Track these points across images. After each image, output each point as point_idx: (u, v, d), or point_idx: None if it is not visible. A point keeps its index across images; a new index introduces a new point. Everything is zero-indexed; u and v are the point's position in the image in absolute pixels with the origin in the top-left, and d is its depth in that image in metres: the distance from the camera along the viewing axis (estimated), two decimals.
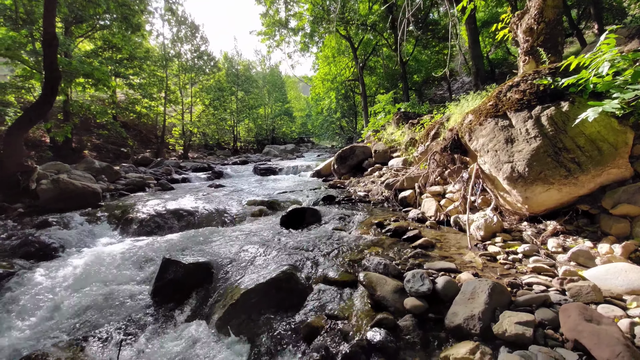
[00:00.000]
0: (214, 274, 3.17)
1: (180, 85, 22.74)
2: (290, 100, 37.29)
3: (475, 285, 2.14)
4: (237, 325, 2.39)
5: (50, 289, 3.15)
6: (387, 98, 15.53)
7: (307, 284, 2.84)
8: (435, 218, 4.39)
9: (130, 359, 2.15)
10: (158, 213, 5.41)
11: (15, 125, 6.75)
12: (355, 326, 2.15)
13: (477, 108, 4.12)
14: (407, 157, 6.93)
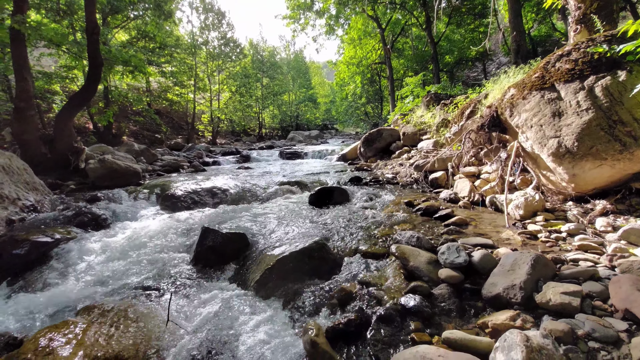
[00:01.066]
0: (249, 243, 3.33)
1: (208, 72, 23.29)
2: (315, 86, 36.94)
3: (515, 257, 2.07)
4: (273, 288, 2.51)
5: (103, 253, 3.48)
6: (415, 81, 14.91)
7: (338, 255, 2.90)
8: (469, 198, 4.25)
9: (177, 313, 2.35)
10: (194, 190, 5.70)
11: (65, 109, 7.32)
12: (389, 292, 2.18)
13: (521, 81, 3.86)
14: (438, 139, 6.69)
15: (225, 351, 1.89)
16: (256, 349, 1.89)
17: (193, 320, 2.18)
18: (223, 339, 2.00)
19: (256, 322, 2.14)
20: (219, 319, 2.19)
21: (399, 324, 1.88)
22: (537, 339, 1.39)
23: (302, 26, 21.05)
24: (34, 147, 6.56)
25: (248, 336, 2.01)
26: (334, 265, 2.74)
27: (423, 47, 22.54)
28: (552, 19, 18.48)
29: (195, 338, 1.98)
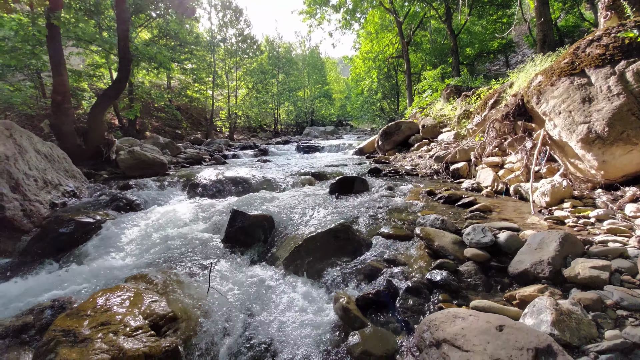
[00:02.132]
0: (275, 226, 3.48)
1: (226, 69, 23.73)
2: (330, 82, 36.85)
3: (543, 236, 2.11)
4: (301, 265, 2.65)
5: (140, 232, 3.73)
6: (434, 74, 14.64)
7: (362, 237, 3.00)
8: (492, 188, 4.23)
9: (215, 284, 2.52)
10: (218, 180, 5.94)
11: (98, 103, 7.74)
12: (415, 269, 2.26)
13: (549, 68, 3.79)
14: (459, 131, 6.62)
15: (262, 316, 2.05)
16: (290, 314, 2.03)
17: (230, 290, 2.35)
18: (259, 306, 2.15)
19: (288, 293, 2.29)
20: (254, 290, 2.35)
21: (426, 296, 1.96)
22: (566, 305, 1.44)
23: (318, 21, 21.03)
24: (70, 138, 6.99)
25: (281, 304, 2.15)
26: (358, 246, 2.84)
27: (442, 40, 22.04)
28: (580, 8, 17.62)
29: (235, 304, 2.14)
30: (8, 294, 2.69)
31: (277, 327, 1.91)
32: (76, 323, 1.69)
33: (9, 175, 3.99)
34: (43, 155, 5.05)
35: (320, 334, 1.82)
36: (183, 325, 1.87)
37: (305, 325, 1.90)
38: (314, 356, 1.66)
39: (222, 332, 1.88)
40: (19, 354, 1.93)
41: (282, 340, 1.81)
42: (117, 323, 1.74)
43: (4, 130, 4.50)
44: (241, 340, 1.84)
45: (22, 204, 3.96)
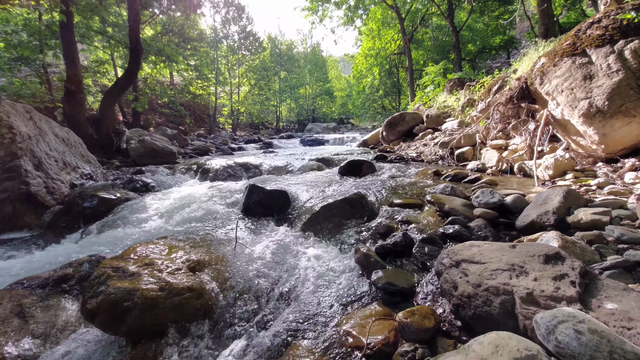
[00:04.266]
0: (290, 200, 3.64)
1: (228, 66, 23.90)
2: (331, 80, 36.98)
3: (547, 193, 2.27)
4: (320, 228, 2.81)
5: (161, 207, 3.89)
6: (437, 70, 14.78)
7: (375, 206, 3.16)
8: (497, 167, 4.39)
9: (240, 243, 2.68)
10: (228, 165, 6.11)
11: (108, 94, 7.91)
12: (428, 226, 2.42)
13: (552, 50, 3.96)
14: (462, 119, 6.78)
15: (287, 265, 2.21)
16: (312, 264, 2.19)
17: (255, 247, 2.51)
18: (283, 258, 2.32)
19: (309, 249, 2.45)
20: (276, 247, 2.51)
21: (440, 245, 2.12)
22: (571, 238, 1.60)
23: (320, 18, 21.19)
24: (83, 127, 7.16)
25: (304, 257, 2.31)
26: (372, 213, 3.00)
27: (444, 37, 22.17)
28: (582, 4, 17.76)
29: (261, 258, 2.30)
30: (40, 259, 2.86)
31: (301, 273, 2.07)
32: (123, 262, 1.85)
33: (32, 154, 4.16)
34: (61, 139, 5.21)
35: (343, 276, 1.98)
36: (215, 270, 2.03)
37: (327, 272, 2.06)
38: (339, 292, 1.82)
39: (252, 276, 2.05)
40: (59, 301, 2.09)
41: (307, 280, 1.97)
42: (159, 265, 1.90)
43: (24, 112, 4.67)
44: (269, 282, 2.00)
45: (45, 182, 4.13)
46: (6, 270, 2.56)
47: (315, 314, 1.64)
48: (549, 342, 0.85)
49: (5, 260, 2.82)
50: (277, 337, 1.50)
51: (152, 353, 1.49)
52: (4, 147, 3.90)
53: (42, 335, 1.81)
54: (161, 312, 1.60)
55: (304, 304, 1.76)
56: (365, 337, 1.32)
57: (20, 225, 3.72)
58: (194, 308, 1.69)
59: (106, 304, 1.55)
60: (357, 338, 1.36)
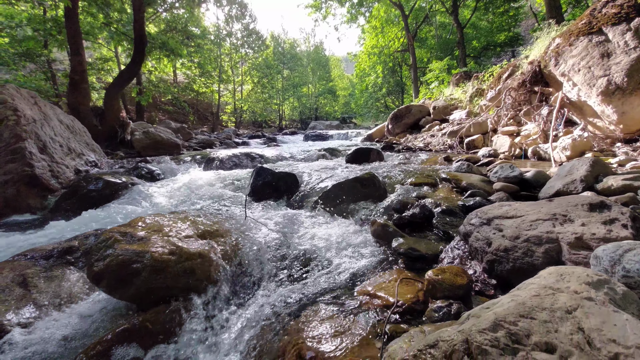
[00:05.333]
0: (298, 182, 3.56)
1: (232, 64, 23.90)
2: (334, 79, 36.94)
3: (572, 164, 2.17)
4: (331, 206, 2.72)
5: (167, 192, 3.82)
6: (441, 66, 14.66)
7: (387, 186, 3.07)
8: (510, 153, 4.29)
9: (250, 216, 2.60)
10: (234, 155, 6.03)
11: (113, 85, 7.87)
12: (446, 201, 2.33)
13: (566, 30, 3.85)
14: (471, 109, 6.67)
15: (299, 237, 2.12)
16: (325, 236, 2.09)
17: (265, 222, 2.42)
18: (294, 232, 2.23)
19: (321, 225, 2.36)
20: (287, 222, 2.42)
21: (461, 215, 2.03)
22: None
23: (323, 15, 21.14)
24: (87, 118, 7.11)
25: (316, 231, 2.22)
26: (384, 193, 2.90)
27: (447, 35, 22.07)
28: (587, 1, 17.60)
29: (273, 230, 2.22)
30: (44, 236, 2.78)
31: (315, 244, 1.98)
32: (130, 229, 1.77)
33: (37, 137, 4.10)
34: (66, 125, 5.16)
35: (360, 246, 1.88)
36: (226, 239, 1.95)
37: (343, 243, 1.97)
38: (357, 260, 1.73)
39: (264, 245, 1.96)
40: (64, 272, 2.01)
41: (322, 250, 1.88)
42: (168, 232, 1.82)
43: (29, 97, 4.62)
44: (282, 251, 1.91)
45: (50, 165, 4.07)
46: (9, 246, 2.49)
47: (334, 279, 1.55)
48: (614, 274, 0.76)
49: (8, 238, 2.75)
50: (295, 300, 1.41)
51: (162, 318, 1.40)
52: (9, 129, 3.84)
53: (45, 304, 1.73)
54: (171, 276, 1.51)
55: (321, 271, 1.67)
56: (394, 296, 1.23)
57: (24, 208, 3.66)
58: (205, 273, 1.60)
59: (114, 266, 1.47)
60: (383, 298, 1.27)
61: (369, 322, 1.16)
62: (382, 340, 1.01)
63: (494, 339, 0.62)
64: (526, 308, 0.66)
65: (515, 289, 0.80)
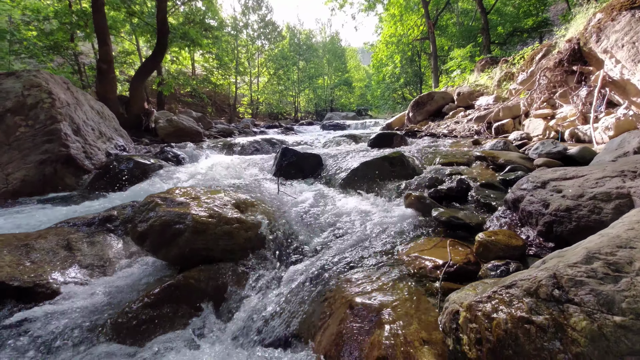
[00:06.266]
0: (323, 163, 3.53)
1: (248, 55, 24.01)
2: (350, 70, 36.42)
3: (622, 137, 2.02)
4: (360, 185, 2.68)
5: (194, 173, 3.90)
6: (463, 53, 14.11)
7: (417, 166, 2.99)
8: (544, 136, 4.07)
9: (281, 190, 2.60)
10: (254, 141, 6.08)
11: (137, 74, 8.07)
12: (483, 177, 2.23)
13: (608, 5, 3.58)
14: (499, 94, 6.39)
15: (333, 211, 2.10)
16: (358, 210, 2.06)
17: (296, 197, 2.42)
18: (327, 205, 2.21)
19: (351, 199, 2.33)
20: (318, 197, 2.41)
21: (502, 189, 1.94)
22: None
23: (340, 4, 20.79)
24: (114, 106, 7.33)
25: (348, 205, 2.19)
26: (413, 172, 2.83)
27: (470, 22, 21.18)
28: None
29: (304, 204, 2.21)
30: (83, 208, 2.90)
31: (350, 216, 1.96)
32: (170, 195, 1.80)
33: (71, 119, 4.26)
34: (96, 111, 5.34)
35: (395, 218, 1.84)
36: (260, 209, 1.95)
37: (376, 215, 1.93)
38: (394, 229, 1.69)
39: (298, 216, 1.95)
40: (105, 238, 2.08)
41: (357, 221, 1.85)
42: (204, 200, 1.84)
43: (62, 82, 4.79)
44: (317, 222, 1.90)
45: (84, 147, 4.23)
46: (51, 216, 2.61)
47: (373, 245, 1.51)
48: None
49: (49, 210, 2.89)
50: (336, 262, 1.39)
51: (205, 276, 1.42)
52: (44, 111, 4.01)
53: (89, 266, 1.80)
54: (212, 238, 1.53)
55: (357, 238, 1.64)
56: (442, 258, 1.18)
57: (61, 187, 3.83)
58: (243, 238, 1.61)
59: (157, 226, 1.50)
60: (429, 260, 1.23)
61: (417, 281, 1.12)
62: (438, 294, 0.98)
63: (590, 270, 0.57)
64: (622, 240, 0.61)
65: (595, 235, 0.74)
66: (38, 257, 1.72)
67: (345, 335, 0.91)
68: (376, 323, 0.90)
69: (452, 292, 0.98)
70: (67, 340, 1.19)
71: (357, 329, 0.91)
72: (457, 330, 0.74)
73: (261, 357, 1.00)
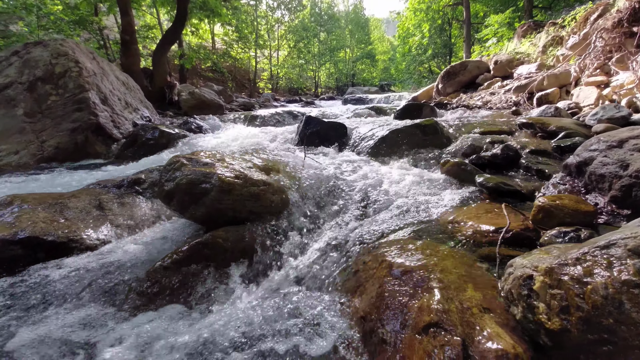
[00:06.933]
0: (347, 132, 3.37)
1: (268, 27, 23.30)
2: (373, 42, 34.54)
3: None
4: (389, 153, 2.52)
5: (219, 142, 3.89)
6: (501, 19, 12.86)
7: (452, 134, 2.77)
8: (595, 106, 3.64)
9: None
10: (276, 113, 5.96)
11: (159, 46, 8.02)
12: (531, 145, 2.00)
13: None
14: (543, 61, 5.77)
15: (362, 178, 1.98)
16: (390, 178, 1.92)
17: (323, 163, 2.31)
18: (355, 172, 2.09)
19: (381, 167, 2.19)
20: (346, 164, 2.29)
21: (556, 157, 1.73)
22: None
23: None
24: (139, 78, 7.39)
25: (378, 172, 2.05)
26: (448, 141, 2.62)
27: None
28: None
29: (332, 170, 2.10)
30: (113, 172, 2.97)
31: (381, 184, 1.83)
32: (195, 156, 1.75)
33: (98, 89, 4.31)
34: (121, 81, 5.39)
35: (432, 185, 1.69)
36: (287, 173, 1.87)
37: (410, 182, 1.79)
38: (433, 196, 1.55)
39: (326, 182, 1.85)
40: (134, 200, 2.09)
41: (390, 188, 1.72)
42: (230, 162, 1.77)
43: (88, 53, 4.82)
44: (347, 189, 1.79)
45: (112, 116, 4.30)
46: (83, 179, 2.69)
47: (409, 212, 1.40)
48: None
49: (82, 174, 2.98)
50: (368, 230, 1.30)
51: (232, 236, 1.38)
52: (73, 80, 4.07)
53: (120, 225, 1.82)
54: (238, 199, 1.47)
55: (392, 205, 1.53)
56: (496, 225, 1.05)
57: (91, 154, 3.95)
58: (270, 201, 1.55)
59: (184, 185, 1.45)
60: (478, 226, 1.10)
61: (463, 247, 1.00)
62: (497, 259, 0.86)
63: None
64: None
65: None
66: (71, 215, 1.76)
67: (386, 298, 0.82)
68: (423, 288, 0.80)
69: (509, 259, 0.86)
70: (103, 291, 1.20)
71: (400, 293, 0.82)
72: (529, 298, 0.63)
73: (292, 315, 0.94)
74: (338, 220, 1.49)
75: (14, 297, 1.15)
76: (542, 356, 0.61)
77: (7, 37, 9.06)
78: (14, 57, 4.24)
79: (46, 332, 0.96)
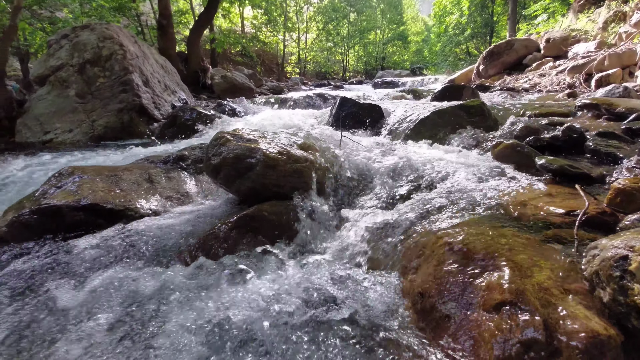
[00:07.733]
0: (383, 114, 3.26)
1: (297, 9, 22.89)
2: (406, 22, 32.77)
3: None
4: (430, 135, 2.41)
5: (252, 123, 3.95)
6: None
7: (500, 117, 2.58)
8: None
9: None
10: (307, 96, 5.92)
11: (193, 30, 8.18)
12: (595, 127, 1.81)
13: None
14: (603, 39, 5.16)
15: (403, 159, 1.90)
16: (432, 159, 1.83)
17: (361, 144, 2.26)
18: (394, 154, 2.02)
19: (423, 149, 2.10)
20: (385, 146, 2.22)
21: (626, 140, 1.55)
22: None
23: None
24: (175, 62, 7.62)
25: (417, 155, 1.96)
26: (495, 124, 2.44)
27: None
28: None
29: (369, 151, 2.05)
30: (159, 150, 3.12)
31: (418, 164, 1.75)
32: (238, 133, 1.78)
33: (140, 71, 4.51)
34: (160, 65, 5.59)
35: (484, 167, 1.59)
36: (325, 151, 1.86)
37: (453, 164, 1.69)
38: (486, 179, 1.46)
39: (363, 162, 1.82)
40: (179, 175, 2.19)
41: (435, 170, 1.65)
42: (272, 139, 1.78)
43: (130, 36, 5.02)
44: (387, 169, 1.74)
45: (153, 97, 4.51)
46: (132, 155, 2.86)
47: (462, 194, 1.32)
48: None
49: (130, 151, 3.17)
50: (419, 211, 1.25)
51: (277, 209, 1.40)
52: (118, 62, 4.28)
53: (168, 197, 1.92)
54: (282, 175, 1.48)
55: (441, 187, 1.46)
56: (577, 207, 0.96)
57: (136, 134, 4.19)
58: (313, 178, 1.54)
59: (230, 159, 1.49)
60: (546, 208, 1.02)
61: (531, 229, 0.93)
62: (575, 241, 0.79)
63: None
64: None
65: None
66: (125, 186, 1.88)
67: (447, 276, 0.79)
68: (489, 266, 0.76)
69: (586, 242, 0.78)
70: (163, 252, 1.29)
71: (462, 271, 0.79)
72: (622, 279, 0.57)
73: (343, 286, 0.94)
74: (382, 198, 1.46)
75: (100, 250, 1.26)
76: (632, 340, 0.56)
77: (53, 22, 9.64)
78: (64, 40, 4.51)
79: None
